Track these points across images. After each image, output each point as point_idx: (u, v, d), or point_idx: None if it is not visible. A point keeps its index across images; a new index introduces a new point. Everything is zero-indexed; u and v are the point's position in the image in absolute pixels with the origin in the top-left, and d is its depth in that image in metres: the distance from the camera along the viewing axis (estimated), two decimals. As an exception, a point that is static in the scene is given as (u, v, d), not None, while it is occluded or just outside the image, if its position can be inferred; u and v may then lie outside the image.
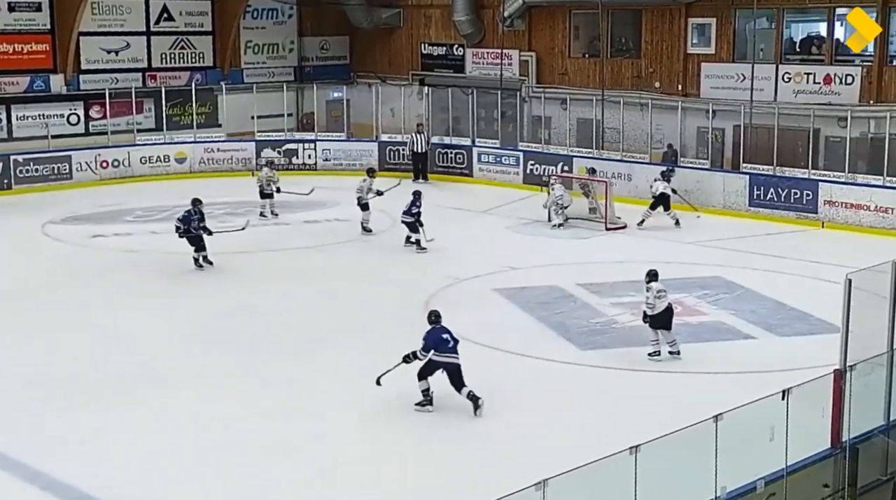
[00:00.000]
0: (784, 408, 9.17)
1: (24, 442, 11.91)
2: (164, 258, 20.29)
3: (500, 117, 29.98)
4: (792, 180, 24.02)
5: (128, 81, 30.63)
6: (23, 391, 13.56)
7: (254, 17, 33.53)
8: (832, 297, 10.80)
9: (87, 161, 28.61)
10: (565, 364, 14.56)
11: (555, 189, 23.51)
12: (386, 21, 34.06)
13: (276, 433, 12.20)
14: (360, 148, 30.57)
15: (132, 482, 11.02)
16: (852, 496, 9.83)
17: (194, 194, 20.35)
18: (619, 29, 29.74)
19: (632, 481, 8.08)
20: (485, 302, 17.49)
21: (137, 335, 15.82)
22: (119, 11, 30.79)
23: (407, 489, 10.92)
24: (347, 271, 19.68)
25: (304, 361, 14.65)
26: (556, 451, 10.85)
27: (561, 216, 23.16)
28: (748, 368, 14.15)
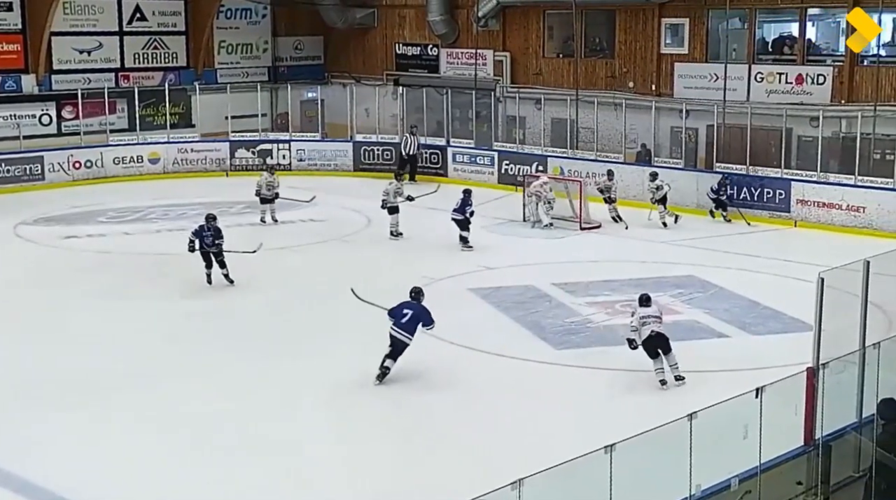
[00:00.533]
0: (758, 406, 9.20)
1: (-4, 445, 11.85)
2: (138, 259, 20.20)
3: (474, 117, 30.00)
4: (765, 180, 24.16)
5: (100, 82, 30.46)
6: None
7: (227, 17, 33.40)
8: (805, 295, 10.84)
9: (59, 162, 28.43)
10: (540, 364, 14.58)
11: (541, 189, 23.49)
12: (360, 21, 34.01)
13: (252, 434, 12.16)
14: (335, 148, 30.52)
15: (104, 483, 10.96)
16: (825, 493, 9.87)
17: (168, 194, 20.28)
18: (592, 29, 29.81)
19: (607, 479, 8.09)
20: (460, 302, 17.48)
21: (110, 337, 15.71)
22: (91, 11, 30.61)
23: (382, 490, 10.90)
24: (322, 271, 19.63)
25: (277, 361, 14.60)
26: (531, 450, 10.86)
27: (549, 216, 23.13)
28: (722, 366, 14.21)
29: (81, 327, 16.18)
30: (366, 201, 25.83)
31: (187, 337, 15.76)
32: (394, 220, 22.21)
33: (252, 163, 30.23)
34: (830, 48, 26.64)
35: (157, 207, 25.35)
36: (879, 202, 22.58)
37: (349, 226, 23.52)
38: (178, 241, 21.88)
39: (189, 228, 22.48)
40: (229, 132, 30.58)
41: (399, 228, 22.15)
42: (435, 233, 22.48)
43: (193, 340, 15.63)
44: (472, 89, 30.08)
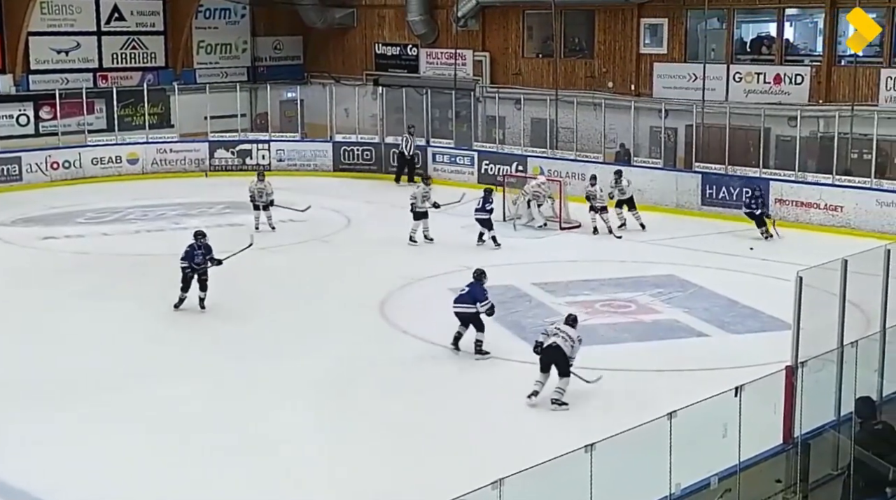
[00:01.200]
0: (737, 405, 9.23)
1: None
2: (117, 260, 20.10)
3: (454, 117, 30.01)
4: (743, 179, 24.24)
5: (78, 82, 30.32)
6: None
7: (206, 17, 33.30)
8: (783, 294, 10.88)
9: (37, 162, 28.29)
10: (521, 363, 14.57)
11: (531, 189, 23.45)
12: (339, 21, 33.96)
13: (238, 434, 12.14)
14: (315, 148, 30.47)
15: (89, 485, 10.92)
16: (804, 491, 9.91)
17: (147, 195, 20.17)
18: (572, 29, 29.86)
19: (587, 479, 8.10)
20: (440, 302, 17.44)
21: (90, 338, 15.66)
22: (69, 11, 30.46)
23: (364, 488, 10.90)
24: (303, 272, 19.61)
25: (258, 362, 14.56)
26: (511, 449, 10.88)
27: (542, 216, 23.13)
28: (701, 365, 14.27)
29: (60, 329, 16.09)
30: (346, 201, 25.84)
31: (169, 338, 15.72)
32: (416, 225, 21.64)
33: (231, 163, 30.16)
34: (808, 48, 26.77)
35: (136, 207, 25.24)
36: (857, 202, 22.72)
37: (329, 226, 23.47)
38: (158, 241, 21.94)
39: (168, 228, 22.50)
40: (208, 132, 30.49)
41: (430, 232, 21.70)
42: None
43: (175, 341, 15.58)
44: (452, 89, 30.08)
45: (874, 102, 24.10)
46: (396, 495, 10.74)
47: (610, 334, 15.99)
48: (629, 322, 16.56)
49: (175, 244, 21.22)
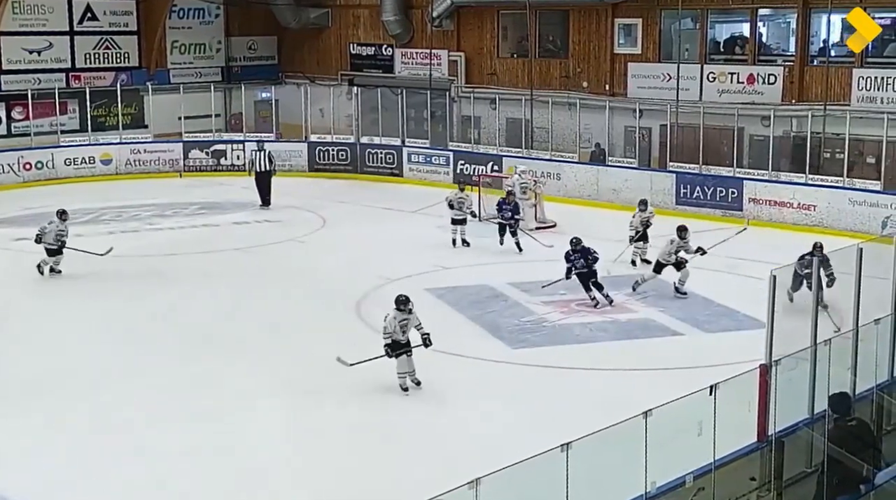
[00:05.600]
0: (712, 403, 9.28)
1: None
2: (89, 261, 19.94)
3: (429, 117, 30.01)
4: (717, 179, 24.39)
5: (51, 82, 30.13)
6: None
7: (180, 17, 33.16)
8: (757, 293, 10.95)
9: (9, 163, 28.10)
10: (497, 363, 14.61)
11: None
12: (314, 21, 33.91)
13: (200, 435, 12.09)
14: (290, 148, 30.40)
15: (54, 487, 10.87)
16: (778, 488, 9.97)
17: (121, 196, 20.08)
18: (547, 29, 29.93)
19: (563, 477, 8.12)
20: (416, 302, 17.41)
21: (61, 338, 15.59)
22: (41, 11, 30.27)
23: (338, 489, 10.87)
24: (278, 272, 19.55)
25: (232, 362, 14.51)
26: (488, 449, 10.88)
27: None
28: (676, 364, 14.32)
29: (32, 329, 16.01)
30: (321, 202, 25.79)
31: (139, 337, 15.61)
32: (454, 229, 21.45)
33: (206, 164, 30.06)
34: (781, 48, 26.93)
35: (110, 208, 25.11)
36: (829, 200, 22.87)
37: (305, 227, 23.42)
38: (131, 242, 21.81)
39: (142, 229, 22.40)
40: (182, 133, 30.37)
41: (466, 237, 21.38)
42: (389, 233, 22.48)
43: (145, 340, 15.48)
44: (427, 89, 30.08)
45: (846, 101, 24.26)
46: (370, 495, 10.70)
47: (585, 333, 16.05)
48: (605, 321, 16.61)
49: (150, 244, 21.26)
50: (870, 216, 22.21)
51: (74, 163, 29.13)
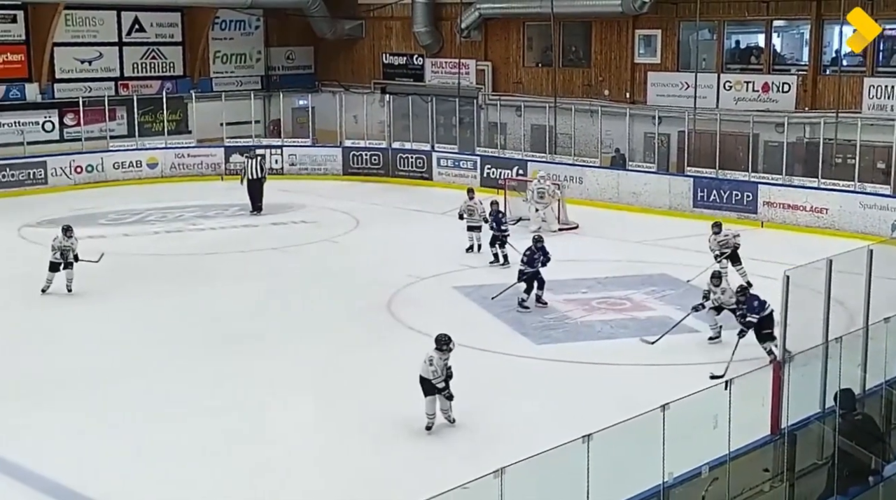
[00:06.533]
0: (727, 398, 9.23)
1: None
2: (136, 260, 20.12)
3: (458, 124, 29.99)
4: (733, 183, 24.24)
5: (101, 90, 30.34)
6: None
7: (222, 29, 33.31)
8: (771, 292, 10.89)
9: (61, 167, 28.31)
10: (521, 358, 14.59)
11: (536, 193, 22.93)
12: (349, 32, 33.97)
13: (236, 426, 12.13)
14: (325, 153, 30.47)
15: (102, 475, 10.93)
16: (790, 479, 9.90)
17: (166, 198, 20.15)
18: (570, 40, 29.86)
19: (585, 467, 8.09)
20: (444, 299, 17.48)
21: (105, 335, 15.67)
22: (92, 23, 30.49)
23: (366, 481, 10.84)
24: (313, 271, 19.60)
25: (266, 356, 14.55)
26: (512, 440, 10.87)
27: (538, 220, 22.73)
28: (693, 360, 14.23)
29: (79, 326, 16.12)
30: (354, 203, 25.85)
31: (180, 334, 15.68)
32: (469, 236, 20.64)
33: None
34: (795, 58, 26.75)
35: (155, 209, 25.26)
36: (841, 204, 22.67)
37: (339, 227, 23.48)
38: (175, 242, 21.94)
39: (185, 229, 22.51)
40: (224, 138, 30.49)
41: (483, 243, 20.33)
42: (419, 234, 22.48)
43: (186, 336, 15.53)
44: (456, 97, 30.07)
45: (858, 109, 24.07)
46: (398, 484, 10.69)
47: (606, 330, 15.99)
48: (624, 319, 16.55)
49: (192, 243, 21.36)
50: (880, 219, 22.00)
51: (122, 166, 29.32)
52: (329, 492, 10.63)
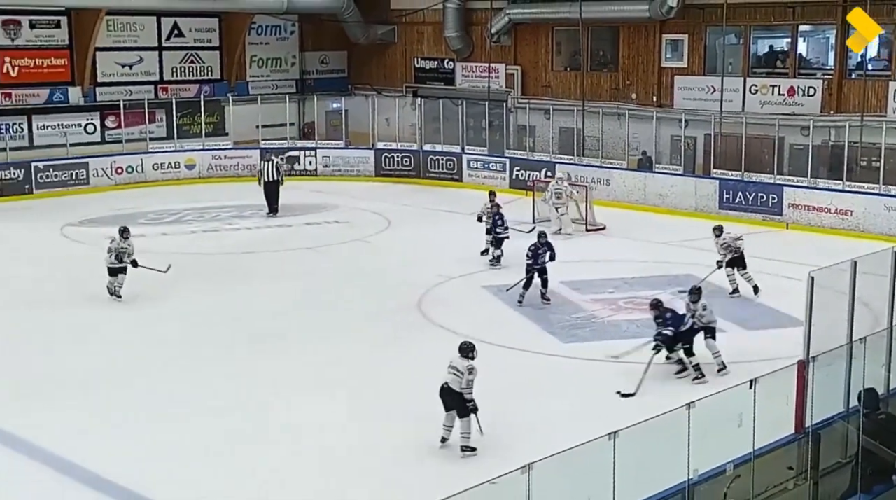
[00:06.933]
0: (752, 396, 9.17)
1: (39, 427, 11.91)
2: (174, 258, 20.20)
3: (487, 126, 29.98)
4: (759, 185, 24.08)
5: (141, 93, 30.55)
6: (32, 377, 13.55)
7: (258, 34, 33.47)
8: (796, 293, 10.80)
9: (103, 167, 28.55)
10: (548, 356, 14.56)
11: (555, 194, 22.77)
12: (381, 37, 34.03)
13: (266, 421, 12.20)
14: (358, 155, 30.55)
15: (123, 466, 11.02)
16: (814, 478, 9.83)
17: (203, 198, 20.21)
18: (598, 44, 29.76)
19: (611, 464, 8.07)
20: (473, 298, 17.48)
21: (141, 330, 15.80)
22: (133, 28, 30.71)
23: (394, 477, 10.84)
24: (344, 271, 19.64)
25: (299, 353, 14.61)
26: (540, 437, 10.84)
27: (559, 222, 22.60)
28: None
29: (118, 324, 16.20)
30: (386, 205, 25.90)
31: (214, 331, 15.77)
32: (487, 238, 20.04)
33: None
34: (820, 62, 26.55)
35: (193, 209, 25.42)
36: (866, 206, 22.47)
37: (371, 227, 23.53)
38: (212, 241, 22.08)
39: (221, 229, 22.62)
40: (260, 140, 30.62)
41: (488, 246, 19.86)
42: (449, 234, 22.48)
43: (219, 333, 15.62)
44: (486, 100, 30.06)
45: (882, 112, 23.87)
46: (425, 480, 10.67)
47: (633, 329, 15.91)
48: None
49: (228, 243, 21.45)
50: (905, 221, 21.82)
51: (161, 167, 29.53)
52: (359, 486, 10.64)
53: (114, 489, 10.56)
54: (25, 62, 28.85)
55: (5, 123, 28.37)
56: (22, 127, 28.70)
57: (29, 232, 23.01)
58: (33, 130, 28.87)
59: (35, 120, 28.93)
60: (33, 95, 28.98)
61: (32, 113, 28.90)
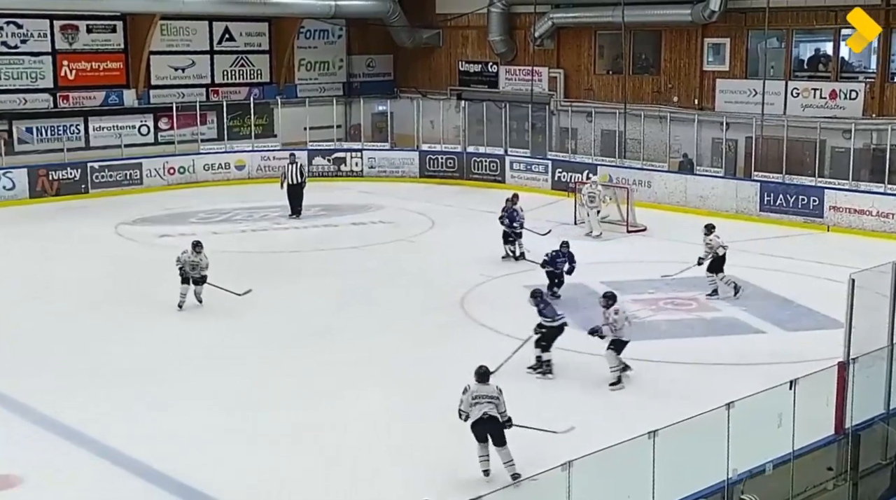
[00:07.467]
0: (791, 397, 9.09)
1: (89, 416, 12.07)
2: (223, 256, 20.37)
3: (530, 129, 29.93)
4: (799, 187, 23.82)
5: (193, 96, 30.86)
6: (88, 372, 13.71)
7: (307, 38, 33.67)
8: (837, 295, 10.69)
9: (156, 168, 28.87)
10: (589, 355, 14.48)
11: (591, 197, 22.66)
12: (427, 41, 34.10)
13: (310, 413, 12.26)
14: (403, 156, 30.63)
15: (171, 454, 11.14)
16: (854, 479, 9.74)
17: (252, 198, 20.30)
18: (640, 48, 29.61)
19: (650, 463, 8.04)
20: (515, 298, 17.40)
21: (193, 327, 15.95)
22: (186, 32, 31.03)
23: (437, 471, 10.80)
24: (390, 269, 19.69)
25: (342, 351, 14.64)
26: (580, 435, 10.79)
27: (592, 224, 22.56)
28: (758, 360, 14.03)
29: (167, 319, 16.37)
30: (430, 205, 25.94)
31: (262, 325, 15.88)
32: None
33: (328, 170, 30.46)
34: (862, 66, 26.17)
35: (242, 209, 25.63)
36: (907, 209, 22.17)
37: (415, 228, 23.57)
38: (261, 240, 22.24)
39: (270, 228, 22.78)
40: (307, 142, 30.81)
41: (521, 248, 19.98)
42: (492, 235, 22.43)
43: (267, 328, 15.73)
44: (529, 103, 30.01)
45: (925, 116, 23.52)
46: (469, 475, 10.63)
47: (673, 329, 15.83)
48: (691, 319, 16.36)
49: (276, 242, 21.59)
50: (947, 224, 21.48)
51: (212, 168, 29.80)
52: (403, 481, 10.66)
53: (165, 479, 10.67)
54: (82, 66, 29.26)
55: (63, 124, 28.82)
56: (78, 128, 29.12)
57: (84, 230, 23.32)
58: (89, 131, 29.27)
59: (91, 122, 29.33)
60: (90, 98, 29.38)
61: (89, 115, 29.30)
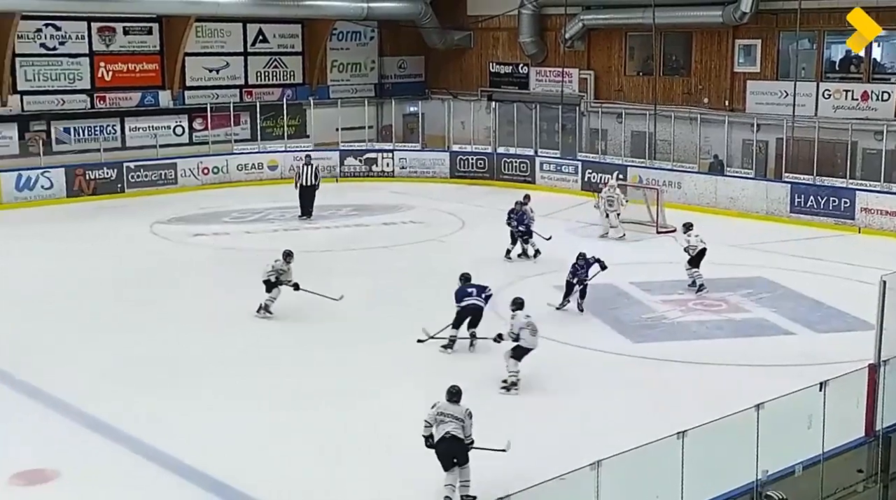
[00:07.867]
0: (821, 399, 9.01)
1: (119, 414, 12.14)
2: (257, 255, 20.41)
3: (560, 130, 29.86)
4: (831, 189, 23.61)
5: (227, 97, 31.03)
6: (123, 369, 13.80)
7: (339, 39, 33.77)
8: (868, 297, 10.59)
9: (190, 168, 29.06)
10: (619, 355, 14.45)
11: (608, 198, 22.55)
12: (458, 42, 34.10)
13: (345, 410, 12.25)
14: (434, 157, 30.65)
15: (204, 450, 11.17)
16: (884, 481, 9.63)
17: (285, 198, 20.29)
18: (671, 49, 29.45)
19: (679, 463, 7.99)
20: (545, 298, 17.39)
21: (229, 322, 16.01)
22: (220, 34, 31.21)
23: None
24: (419, 270, 19.69)
25: (372, 348, 14.69)
26: (609, 434, 10.75)
27: (609, 225, 22.43)
28: (788, 361, 13.92)
29: (205, 313, 16.48)
30: (461, 205, 25.94)
31: (297, 324, 15.96)
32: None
33: (359, 170, 30.55)
34: (895, 67, 25.90)
35: (275, 208, 25.72)
36: (940, 211, 21.92)
37: (446, 227, 23.58)
38: (293, 239, 22.27)
39: (301, 228, 22.84)
40: (339, 142, 30.90)
41: (529, 249, 20.23)
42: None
43: (302, 327, 15.81)
44: (559, 104, 29.93)
45: (958, 117, 23.24)
46: (495, 474, 10.52)
47: (702, 330, 15.73)
48: (720, 320, 16.26)
49: (308, 241, 21.67)
50: (979, 226, 21.22)
51: (245, 168, 29.95)
52: (427, 480, 10.65)
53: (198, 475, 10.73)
54: (119, 67, 29.50)
55: (99, 124, 29.06)
56: (115, 129, 29.34)
57: (120, 229, 23.50)
58: (125, 131, 29.49)
59: (127, 122, 29.55)
60: (126, 99, 29.62)
61: (125, 115, 29.52)
